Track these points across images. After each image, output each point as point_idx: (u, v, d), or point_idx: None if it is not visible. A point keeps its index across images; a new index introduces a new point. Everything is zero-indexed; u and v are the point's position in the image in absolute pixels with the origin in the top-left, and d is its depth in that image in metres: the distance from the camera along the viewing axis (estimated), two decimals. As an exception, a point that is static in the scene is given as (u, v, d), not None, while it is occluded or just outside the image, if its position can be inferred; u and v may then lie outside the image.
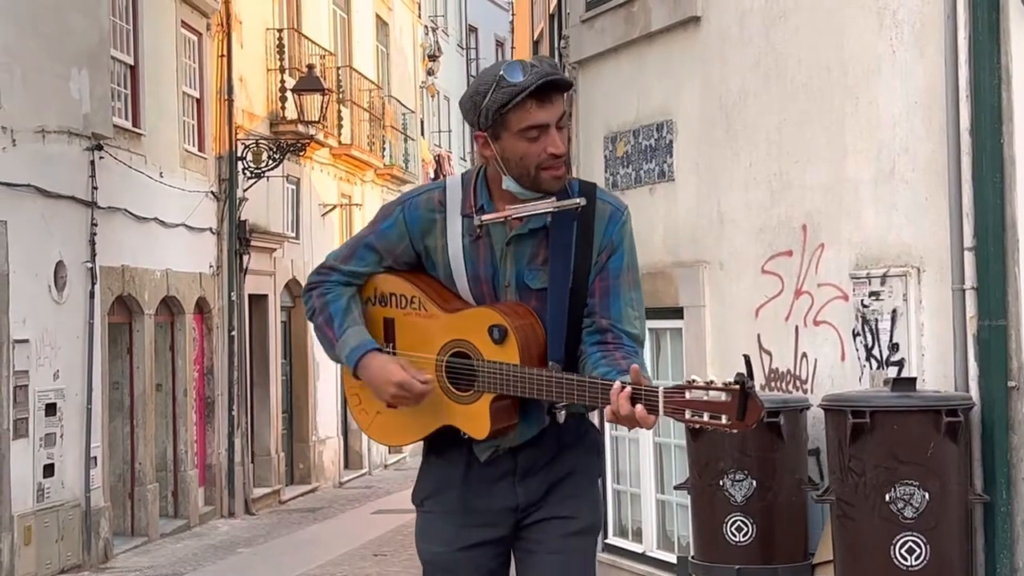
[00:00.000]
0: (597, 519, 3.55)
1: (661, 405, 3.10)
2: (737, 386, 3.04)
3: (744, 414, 3.04)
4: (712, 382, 3.08)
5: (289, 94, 18.16)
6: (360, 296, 3.50)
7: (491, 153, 3.37)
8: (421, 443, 3.55)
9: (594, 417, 3.69)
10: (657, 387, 3.13)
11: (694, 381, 3.10)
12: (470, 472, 3.44)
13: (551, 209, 3.34)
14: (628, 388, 3.12)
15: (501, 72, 3.32)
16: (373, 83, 23.44)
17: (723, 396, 3.05)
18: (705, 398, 3.07)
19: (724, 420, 3.05)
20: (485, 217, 3.36)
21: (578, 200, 3.35)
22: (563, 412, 3.40)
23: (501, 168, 3.36)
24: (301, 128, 18.10)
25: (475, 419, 3.34)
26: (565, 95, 3.39)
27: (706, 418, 3.06)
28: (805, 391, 7.29)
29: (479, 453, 3.43)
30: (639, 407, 3.10)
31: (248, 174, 17.12)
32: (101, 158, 12.94)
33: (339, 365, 3.54)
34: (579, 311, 3.38)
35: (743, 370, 3.05)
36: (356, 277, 3.49)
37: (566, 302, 3.36)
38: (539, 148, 3.31)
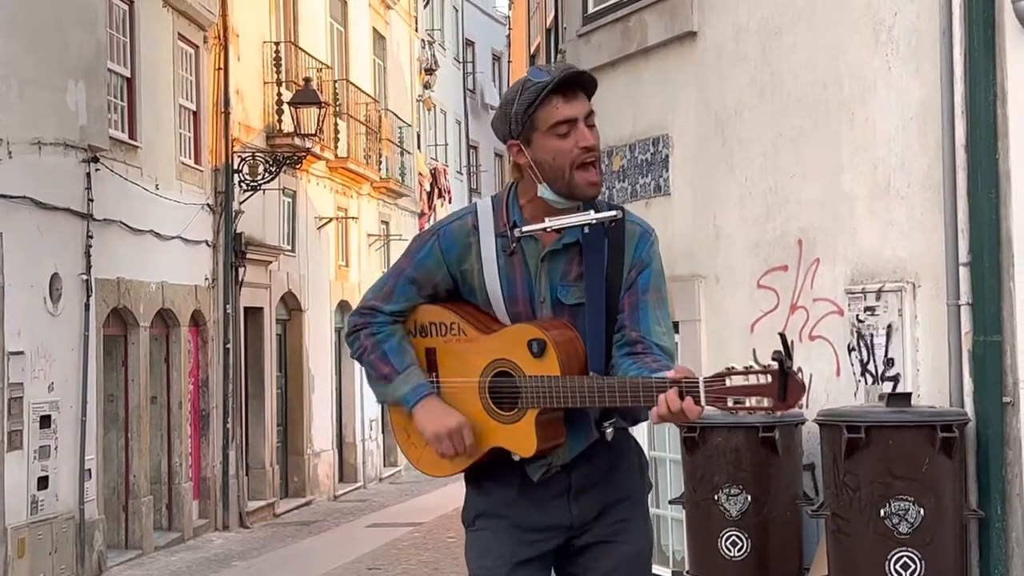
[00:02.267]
0: (649, 540, 3.57)
1: (703, 395, 3.09)
2: (776, 366, 3.01)
3: (786, 394, 3.02)
4: (751, 366, 3.06)
5: (286, 107, 18.18)
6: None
7: (525, 160, 3.39)
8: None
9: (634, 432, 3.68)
10: (697, 378, 3.12)
11: (732, 368, 3.08)
12: (524, 491, 3.44)
13: (590, 220, 3.35)
14: (673, 388, 3.10)
15: (526, 76, 3.40)
16: (370, 96, 23.46)
17: (763, 379, 3.03)
18: (745, 383, 3.04)
19: (767, 403, 3.03)
20: (525, 228, 3.37)
21: (615, 212, 3.37)
22: (611, 430, 3.40)
23: (536, 175, 3.38)
24: (297, 141, 18.11)
25: (521, 437, 3.34)
26: (592, 95, 3.42)
27: (749, 403, 3.04)
28: (800, 406, 7.29)
29: (532, 473, 3.42)
30: (687, 399, 3.09)
31: (244, 187, 17.13)
32: (97, 170, 12.94)
33: (383, 402, 3.56)
34: (614, 327, 3.41)
35: (779, 350, 3.02)
36: (400, 315, 3.52)
37: (603, 316, 3.38)
38: (570, 144, 3.33)
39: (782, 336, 3.12)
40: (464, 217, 3.51)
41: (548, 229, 3.36)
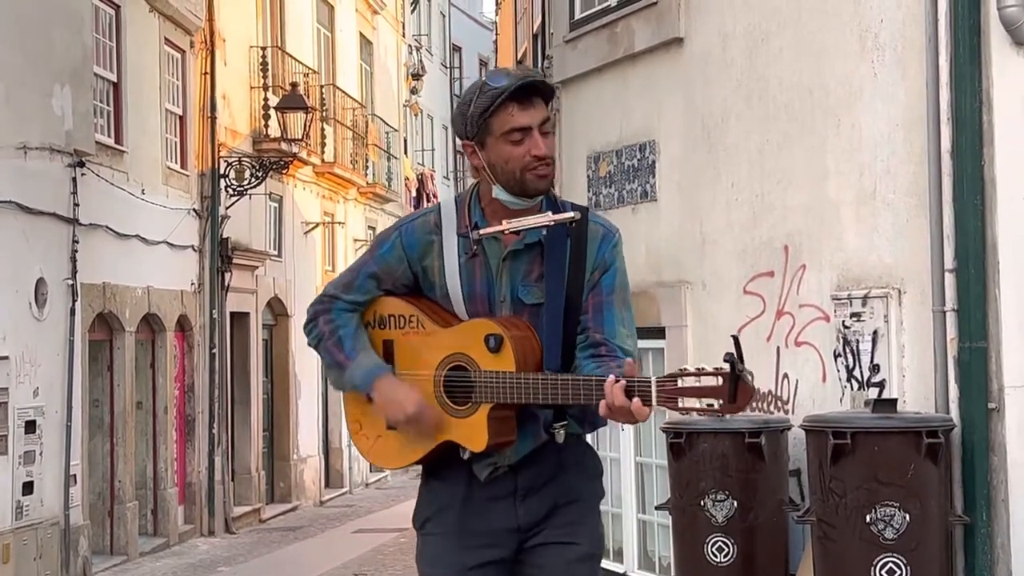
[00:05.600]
0: (599, 546, 3.56)
1: (654, 395, 3.12)
2: (727, 368, 3.05)
3: (736, 396, 3.05)
4: (703, 368, 3.10)
5: (272, 112, 18.17)
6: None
7: (478, 162, 3.42)
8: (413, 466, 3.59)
9: (590, 440, 3.70)
10: (649, 378, 3.14)
11: (685, 369, 3.12)
12: (470, 492, 3.45)
13: (547, 222, 3.37)
14: (622, 381, 3.13)
15: (484, 79, 3.41)
16: (357, 101, 23.44)
17: (714, 381, 3.07)
18: (697, 384, 3.08)
19: (716, 404, 3.07)
20: (483, 231, 3.39)
21: (573, 214, 3.39)
22: (562, 432, 3.41)
23: (489, 176, 3.41)
24: (284, 146, 18.10)
25: (473, 431, 3.35)
26: (550, 102, 3.44)
27: (699, 404, 3.08)
28: (786, 412, 7.30)
29: (478, 472, 3.43)
30: (635, 399, 3.12)
31: (230, 192, 17.10)
32: (83, 175, 12.92)
33: (340, 390, 3.57)
34: (573, 327, 3.41)
35: (731, 352, 3.07)
36: (359, 305, 3.54)
37: (561, 316, 3.39)
38: (523, 151, 3.36)
39: (734, 338, 3.17)
40: (427, 215, 3.54)
41: (506, 231, 3.38)
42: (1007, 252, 6.13)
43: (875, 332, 6.68)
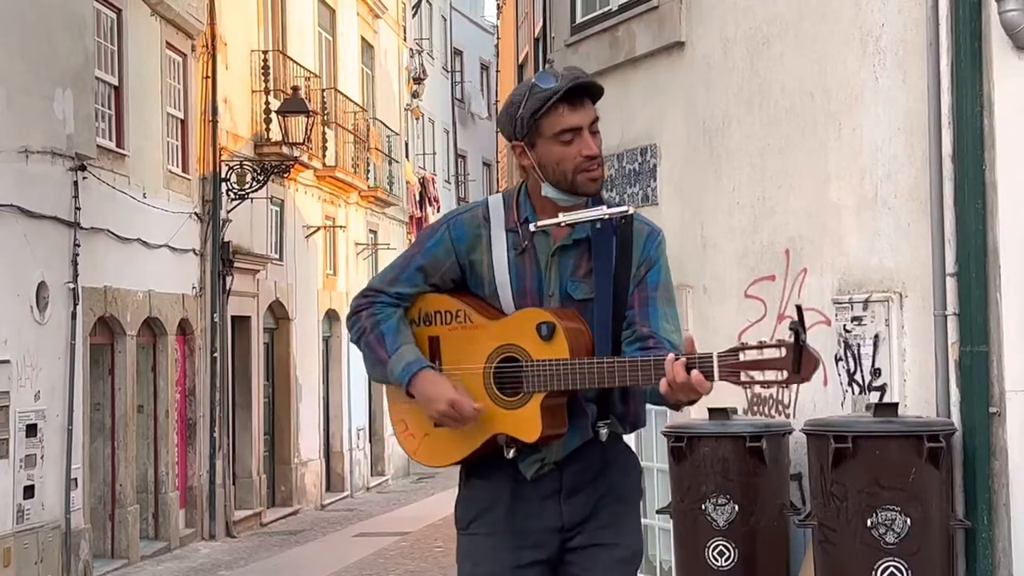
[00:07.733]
0: (640, 545, 3.58)
1: (716, 369, 3.11)
2: (792, 338, 3.02)
3: (800, 367, 3.03)
4: (764, 341, 3.08)
5: (274, 116, 18.17)
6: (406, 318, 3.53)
7: (528, 162, 3.44)
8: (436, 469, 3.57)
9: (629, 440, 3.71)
10: (710, 353, 3.14)
11: (745, 343, 3.10)
12: (515, 492, 3.46)
13: (603, 215, 3.40)
14: (682, 357, 3.14)
15: (534, 80, 3.42)
16: (358, 105, 23.45)
17: (777, 352, 3.04)
18: (759, 357, 3.06)
19: (780, 376, 3.04)
20: (540, 223, 3.41)
21: (627, 208, 3.43)
22: (605, 430, 3.43)
23: (539, 175, 3.43)
24: (285, 150, 18.10)
25: (525, 422, 3.34)
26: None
27: (762, 377, 3.06)
28: (788, 416, 7.30)
29: (525, 470, 3.44)
30: (695, 372, 3.12)
31: (232, 195, 17.11)
32: (84, 179, 12.92)
33: (382, 387, 3.56)
34: (621, 322, 3.44)
35: (796, 320, 3.03)
36: (403, 299, 3.52)
37: (611, 309, 3.42)
38: (574, 151, 3.38)
39: (798, 307, 3.12)
40: (475, 209, 3.55)
41: (562, 224, 3.41)
42: (1008, 256, 6.13)
43: (876, 336, 6.68)
